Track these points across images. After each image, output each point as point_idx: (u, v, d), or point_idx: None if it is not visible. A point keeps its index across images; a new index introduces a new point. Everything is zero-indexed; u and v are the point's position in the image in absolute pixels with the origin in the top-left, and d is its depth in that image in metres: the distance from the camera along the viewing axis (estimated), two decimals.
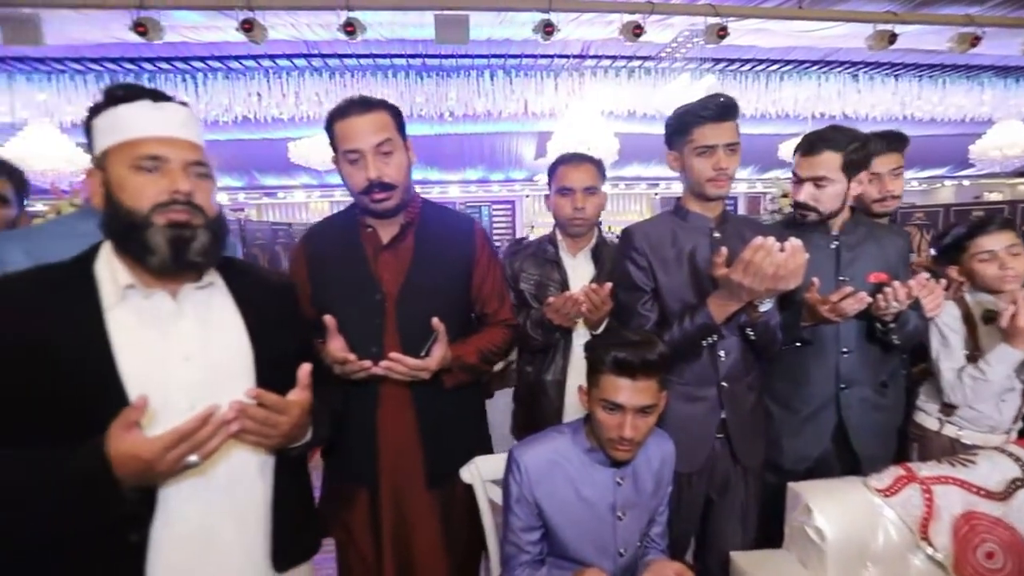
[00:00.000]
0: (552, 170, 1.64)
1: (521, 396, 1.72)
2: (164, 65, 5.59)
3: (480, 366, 1.33)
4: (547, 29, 3.94)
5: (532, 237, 1.78)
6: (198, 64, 5.61)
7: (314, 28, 4.72)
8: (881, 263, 1.45)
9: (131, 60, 5.47)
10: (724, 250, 1.18)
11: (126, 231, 0.81)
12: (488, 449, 1.46)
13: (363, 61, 5.74)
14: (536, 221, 9.00)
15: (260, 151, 7.48)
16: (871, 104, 6.44)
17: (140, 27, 3.64)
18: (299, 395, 0.87)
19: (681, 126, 1.33)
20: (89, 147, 0.86)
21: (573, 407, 1.56)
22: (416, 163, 1.31)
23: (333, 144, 1.22)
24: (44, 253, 0.92)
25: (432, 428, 1.29)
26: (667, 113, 1.40)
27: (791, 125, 6.59)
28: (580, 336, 1.56)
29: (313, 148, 6.41)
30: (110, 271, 0.83)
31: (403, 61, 5.77)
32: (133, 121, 0.82)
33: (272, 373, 0.91)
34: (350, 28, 3.83)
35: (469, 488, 1.34)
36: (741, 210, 9.24)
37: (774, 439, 1.50)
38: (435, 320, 1.18)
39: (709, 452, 1.37)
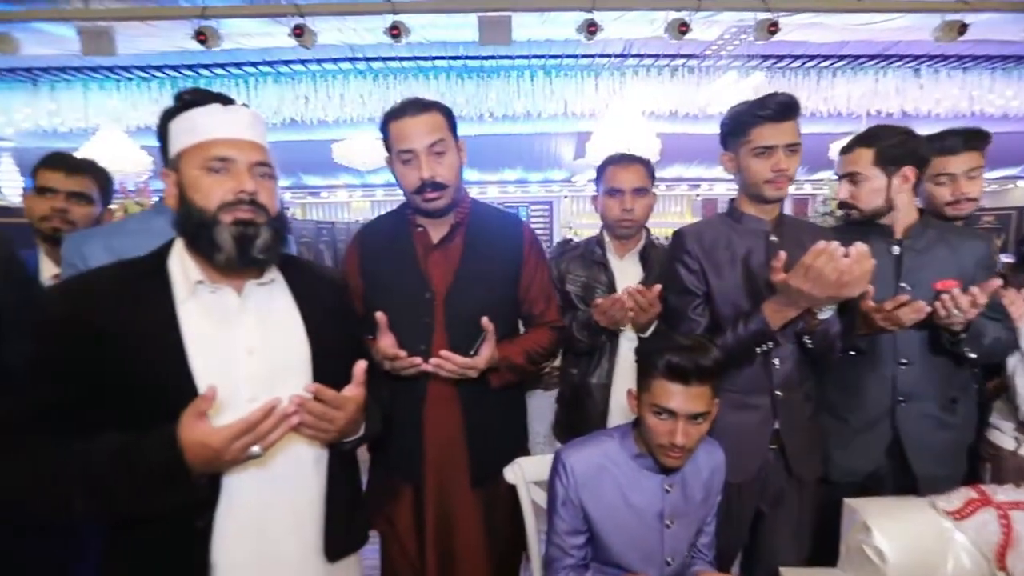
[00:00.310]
0: (600, 171, 1.63)
1: (565, 398, 1.71)
2: (220, 71, 5.85)
3: (526, 367, 1.33)
4: (590, 28, 3.90)
5: (576, 239, 1.77)
6: (250, 69, 5.85)
7: (360, 32, 4.84)
8: (954, 270, 1.35)
9: (190, 67, 5.76)
10: (783, 254, 1.13)
11: (196, 229, 0.84)
12: (526, 450, 1.47)
13: (406, 63, 5.85)
14: (574, 222, 8.95)
15: (305, 152, 7.73)
16: (935, 99, 6.06)
17: (201, 35, 3.83)
18: (354, 391, 0.89)
19: (738, 126, 1.28)
20: (163, 150, 0.90)
21: (618, 410, 1.54)
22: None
23: (387, 144, 1.25)
24: (122, 248, 0.98)
25: (477, 426, 1.30)
26: (711, 112, 1.38)
27: (844, 123, 6.30)
28: (627, 339, 1.54)
29: (356, 149, 6.59)
30: (182, 267, 0.88)
31: (445, 63, 5.85)
32: (204, 124, 0.86)
33: (327, 368, 0.94)
34: (395, 31, 3.91)
35: (512, 488, 1.34)
36: (787, 212, 8.92)
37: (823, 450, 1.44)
38: (484, 320, 1.19)
39: (761, 463, 1.32)
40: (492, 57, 5.68)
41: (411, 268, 1.28)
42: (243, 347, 0.88)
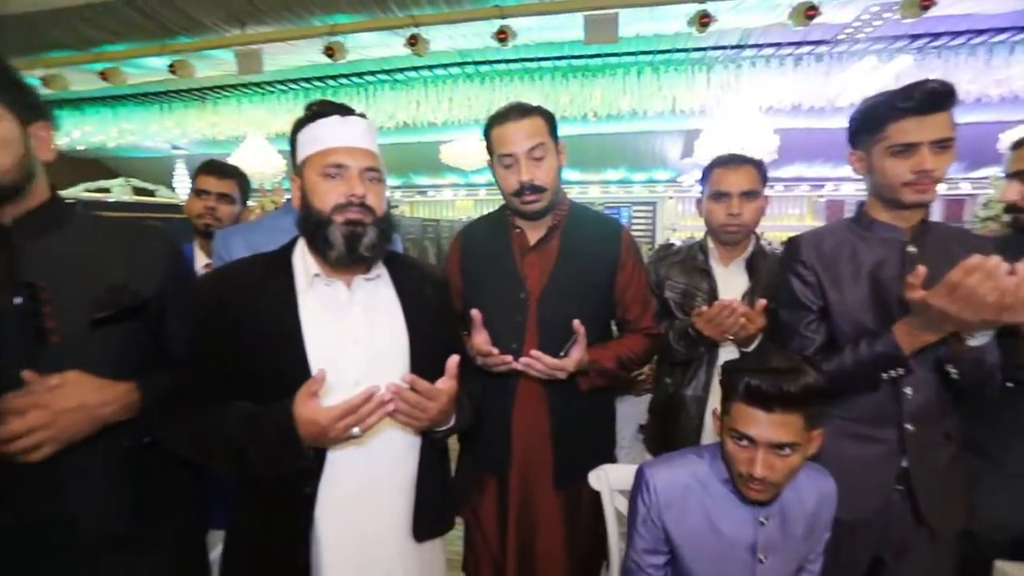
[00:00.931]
0: (707, 172, 1.53)
1: (658, 408, 1.65)
2: (344, 81, 6.42)
3: (617, 372, 1.30)
4: (703, 20, 3.69)
5: (678, 242, 1.68)
6: (369, 78, 6.35)
7: (469, 37, 5.04)
8: None
9: (320, 78, 6.39)
10: (922, 269, 0.98)
11: (314, 228, 0.94)
12: (614, 457, 1.44)
13: (512, 65, 5.98)
14: (678, 224, 8.55)
15: (415, 153, 8.23)
16: None
17: (329, 50, 4.24)
18: (447, 384, 0.94)
19: (872, 120, 1.13)
20: (292, 156, 1.02)
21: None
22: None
23: (489, 148, 1.29)
24: (258, 244, 1.13)
25: (563, 428, 1.30)
26: (840, 105, 1.22)
27: (1018, 109, 5.30)
28: (727, 351, 1.44)
29: (461, 150, 6.88)
30: (303, 262, 0.98)
31: (550, 63, 5.88)
32: (324, 134, 0.96)
33: (423, 360, 1.00)
34: (502, 35, 4.00)
35: (596, 494, 1.32)
36: (936, 216, 7.72)
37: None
38: (576, 322, 1.18)
39: (882, 504, 1.16)
40: (597, 56, 5.60)
41: (507, 268, 1.32)
42: (350, 336, 0.96)
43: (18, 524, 0.85)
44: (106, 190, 5.62)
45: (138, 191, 4.52)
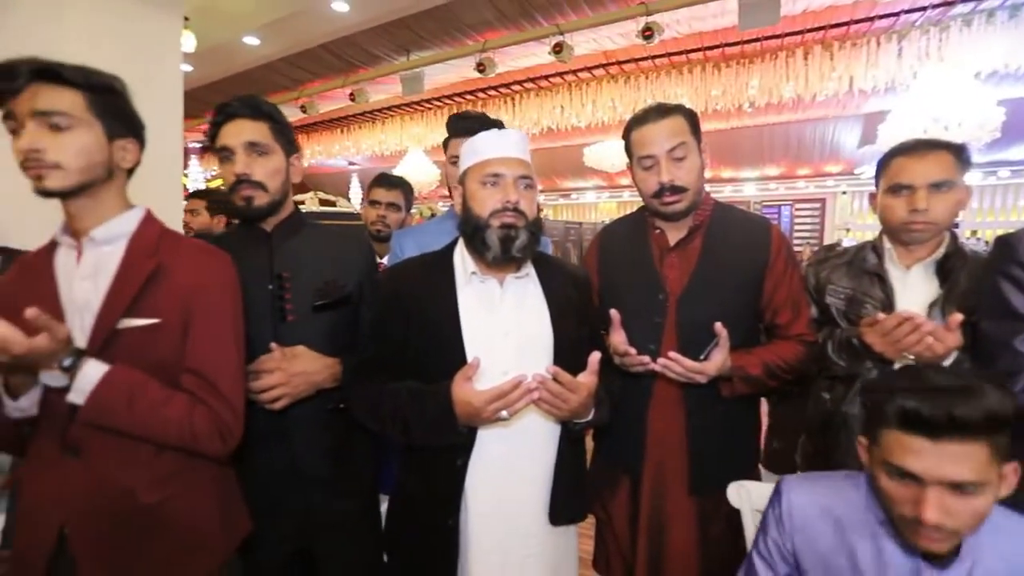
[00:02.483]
0: (882, 163, 1.33)
1: (813, 425, 1.49)
2: (492, 92, 6.85)
3: (764, 380, 1.22)
4: None
5: (847, 241, 1.49)
6: (516, 87, 6.67)
7: (613, 38, 5.02)
8: None
9: (470, 92, 6.91)
10: None
11: (473, 231, 1.07)
12: (757, 471, 1.34)
13: (657, 62, 5.80)
14: (852, 223, 7.44)
15: (559, 157, 8.42)
16: None
17: (480, 65, 4.58)
18: (587, 378, 1.00)
19: None
20: (444, 148, 1.17)
21: None
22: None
23: (629, 151, 1.31)
24: (425, 244, 1.30)
25: (700, 433, 1.26)
26: None
27: None
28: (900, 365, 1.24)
29: (605, 152, 6.87)
30: (462, 260, 1.12)
31: (699, 55, 5.57)
32: (483, 147, 1.08)
33: (565, 353, 1.08)
34: (648, 32, 3.93)
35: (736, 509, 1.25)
36: None
37: None
38: (718, 325, 1.14)
39: None
40: (755, 40, 5.15)
41: (646, 269, 1.32)
42: (501, 329, 1.07)
43: (262, 460, 1.13)
44: (301, 203, 6.81)
45: (322, 202, 5.44)
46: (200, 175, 8.80)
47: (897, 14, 4.57)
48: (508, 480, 1.07)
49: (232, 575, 1.07)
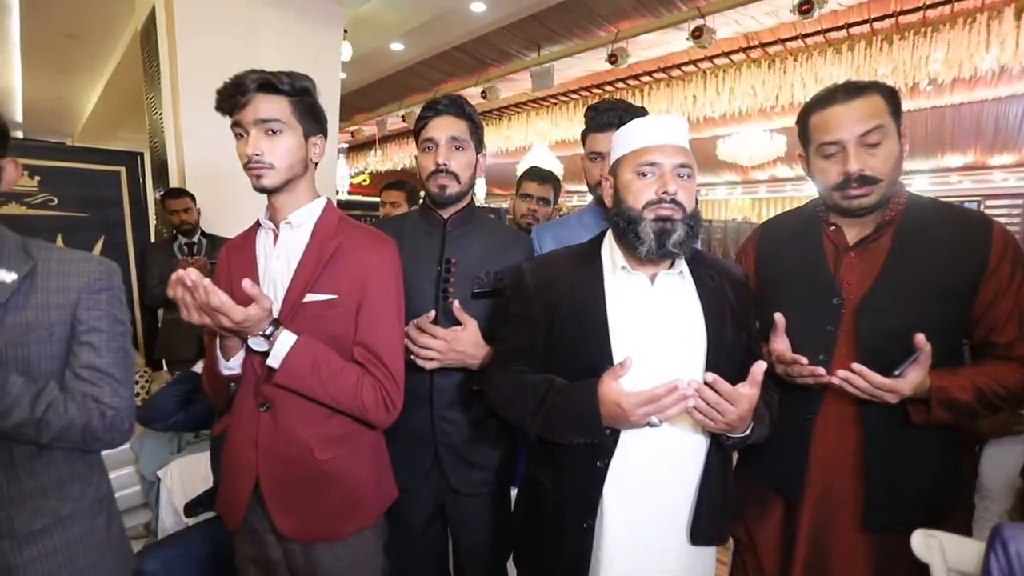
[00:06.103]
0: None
1: None
2: (620, 85, 6.65)
3: (974, 407, 1.01)
4: None
5: None
6: (646, 78, 6.40)
7: (759, 18, 4.58)
8: None
9: (597, 85, 6.78)
10: None
11: (626, 224, 1.01)
12: (961, 516, 1.11)
13: (809, 40, 5.17)
14: None
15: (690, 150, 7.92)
16: None
17: (612, 57, 4.46)
18: (749, 390, 0.89)
19: None
20: (592, 162, 1.13)
21: None
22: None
23: (805, 136, 1.15)
24: (563, 238, 1.30)
25: (881, 461, 1.07)
26: None
27: None
28: None
29: (741, 144, 6.33)
30: (611, 254, 1.07)
31: (864, 28, 4.86)
32: (638, 134, 1.02)
33: (718, 358, 0.98)
34: (806, 6, 3.51)
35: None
36: None
37: None
38: (920, 337, 0.96)
39: None
40: (940, 3, 4.34)
41: (817, 270, 1.16)
42: (650, 327, 1.01)
43: (406, 423, 1.17)
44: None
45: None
46: (346, 172, 9.82)
47: None
48: (649, 489, 1.00)
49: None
